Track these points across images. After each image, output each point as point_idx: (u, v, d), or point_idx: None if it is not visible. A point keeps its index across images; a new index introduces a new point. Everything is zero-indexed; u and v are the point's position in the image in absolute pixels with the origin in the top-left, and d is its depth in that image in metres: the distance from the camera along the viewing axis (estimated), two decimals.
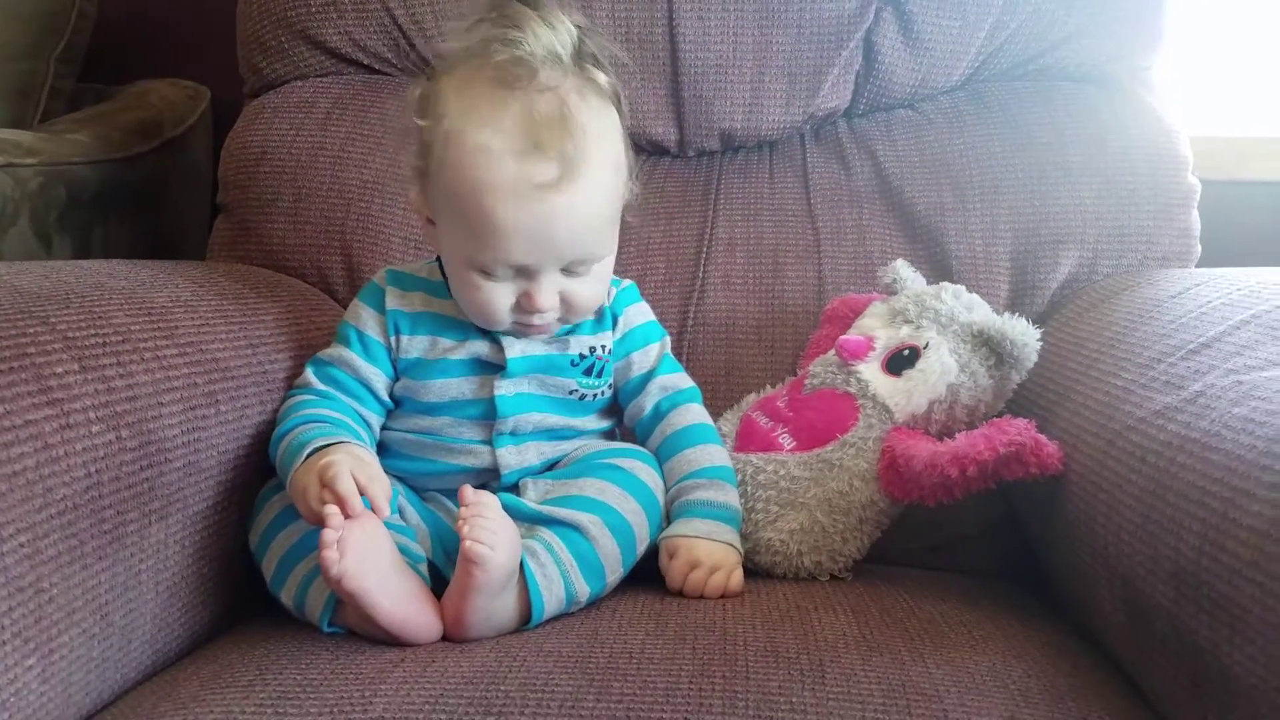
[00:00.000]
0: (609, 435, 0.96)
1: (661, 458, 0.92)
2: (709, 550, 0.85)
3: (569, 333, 0.90)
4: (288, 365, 0.92)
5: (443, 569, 0.82)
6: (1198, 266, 1.10)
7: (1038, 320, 0.99)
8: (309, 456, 0.77)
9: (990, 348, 0.93)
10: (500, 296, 0.84)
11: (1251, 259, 1.03)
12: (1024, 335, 0.92)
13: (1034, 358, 0.93)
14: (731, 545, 0.87)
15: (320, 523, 0.73)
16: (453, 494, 0.85)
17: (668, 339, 0.97)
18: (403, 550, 0.79)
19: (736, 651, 0.70)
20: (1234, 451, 0.63)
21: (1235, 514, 0.60)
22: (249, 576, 0.84)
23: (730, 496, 0.90)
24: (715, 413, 1.02)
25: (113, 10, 1.54)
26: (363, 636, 0.75)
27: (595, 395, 0.92)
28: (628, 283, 0.97)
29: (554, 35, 0.81)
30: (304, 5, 1.21)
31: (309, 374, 0.89)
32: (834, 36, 1.17)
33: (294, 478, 0.77)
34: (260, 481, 0.86)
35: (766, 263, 1.13)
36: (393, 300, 0.90)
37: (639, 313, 0.96)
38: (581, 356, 0.90)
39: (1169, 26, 1.17)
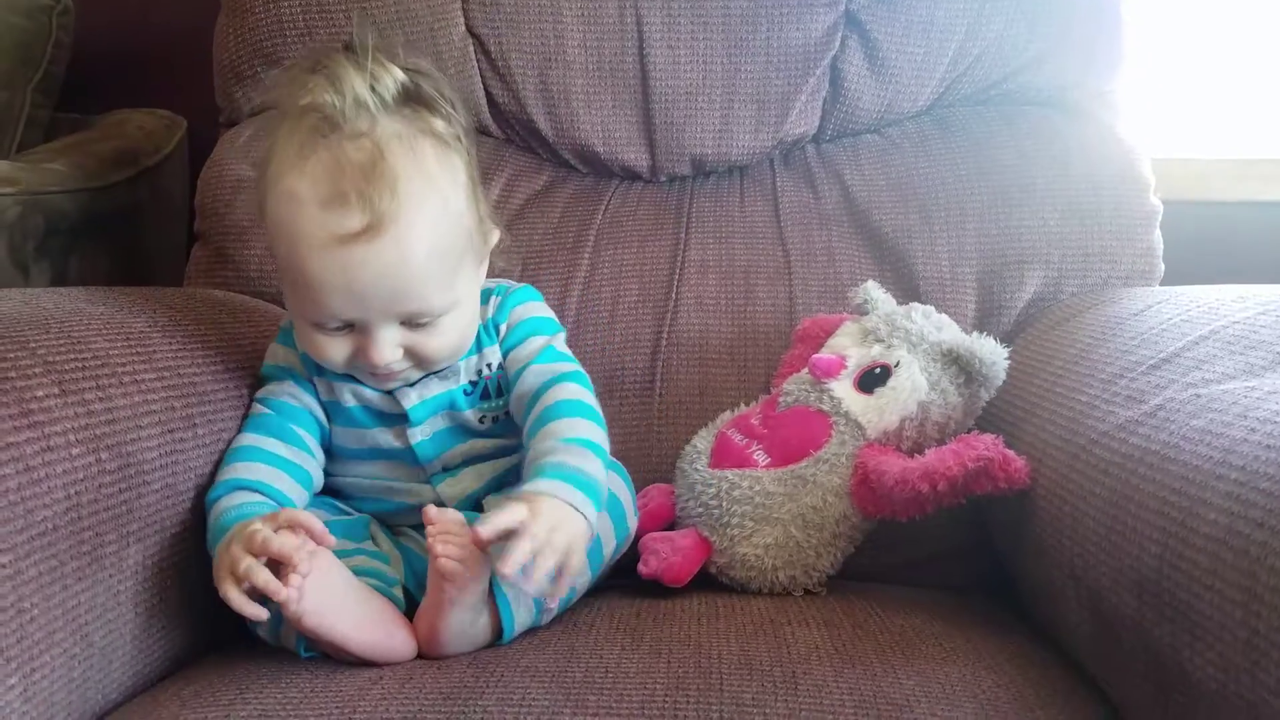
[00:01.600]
0: None
1: (530, 439, 0.80)
2: (551, 508, 0.71)
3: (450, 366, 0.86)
4: None
5: (415, 594, 0.82)
6: (1162, 285, 1.12)
7: (1004, 338, 1.00)
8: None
9: (960, 366, 0.94)
10: (335, 350, 0.80)
11: (1215, 277, 1.04)
12: (993, 354, 0.93)
13: (1002, 376, 0.94)
14: (577, 509, 0.73)
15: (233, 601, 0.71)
16: (419, 526, 0.84)
17: (561, 335, 0.90)
18: (377, 574, 0.79)
19: (711, 664, 0.71)
20: (1191, 463, 0.65)
21: (1193, 523, 0.62)
22: None
23: (590, 464, 0.76)
24: (690, 431, 1.03)
25: (90, 41, 1.55)
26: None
27: (507, 413, 0.88)
28: (519, 286, 0.91)
29: (376, 83, 0.75)
30: (279, 36, 1.22)
31: (255, 406, 0.87)
32: (801, 64, 1.19)
33: (218, 552, 0.74)
34: None
35: (738, 284, 1.14)
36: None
37: (525, 311, 0.89)
38: (472, 384, 0.87)
39: (1130, 51, 1.19)
